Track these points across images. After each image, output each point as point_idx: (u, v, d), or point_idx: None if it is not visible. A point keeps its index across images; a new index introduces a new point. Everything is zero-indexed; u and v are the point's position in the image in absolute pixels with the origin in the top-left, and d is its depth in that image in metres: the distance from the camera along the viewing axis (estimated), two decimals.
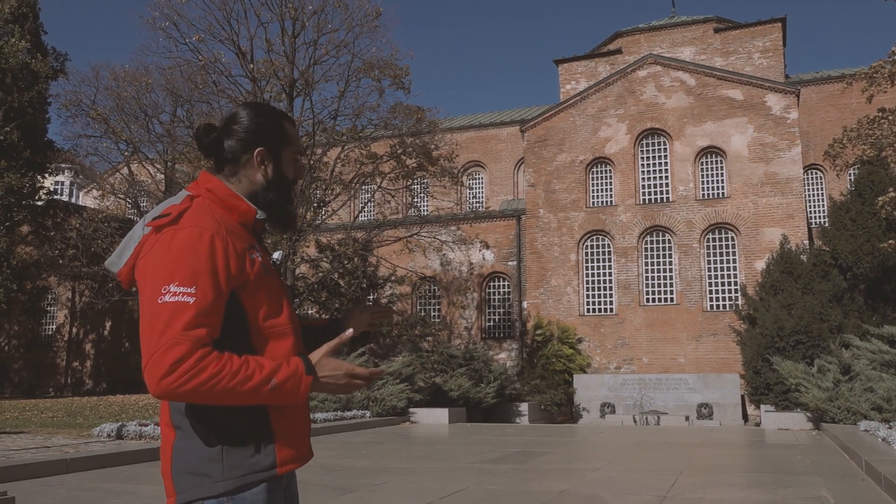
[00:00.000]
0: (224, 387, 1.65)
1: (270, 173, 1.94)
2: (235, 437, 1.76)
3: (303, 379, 1.74)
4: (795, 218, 22.46)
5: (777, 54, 27.45)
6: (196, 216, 1.80)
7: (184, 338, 1.65)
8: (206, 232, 1.76)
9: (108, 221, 23.95)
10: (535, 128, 25.97)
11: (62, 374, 27.98)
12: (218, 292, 1.72)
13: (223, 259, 1.75)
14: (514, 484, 7.90)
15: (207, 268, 1.72)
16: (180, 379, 1.63)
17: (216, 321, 1.71)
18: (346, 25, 19.75)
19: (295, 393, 1.73)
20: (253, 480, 1.75)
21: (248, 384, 1.67)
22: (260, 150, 1.93)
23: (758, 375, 18.19)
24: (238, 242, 1.81)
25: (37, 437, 11.24)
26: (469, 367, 20.32)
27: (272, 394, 1.70)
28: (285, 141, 1.97)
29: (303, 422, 1.89)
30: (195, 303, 1.68)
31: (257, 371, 1.69)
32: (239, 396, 1.68)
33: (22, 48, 24.47)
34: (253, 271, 1.80)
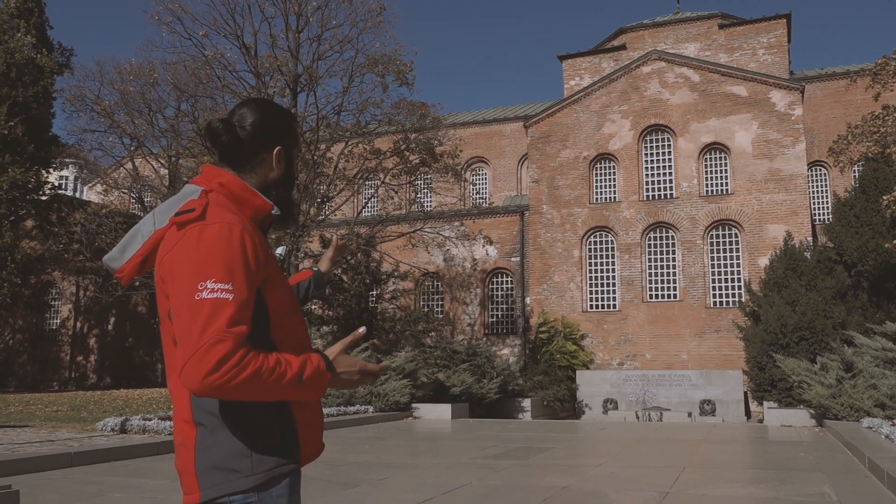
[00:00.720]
0: (264, 382, 1.66)
1: (283, 171, 1.98)
2: (262, 432, 1.78)
3: (324, 375, 1.78)
4: (799, 215, 22.42)
5: (782, 51, 27.37)
6: (220, 212, 1.79)
7: (228, 335, 1.64)
8: (236, 228, 1.76)
9: (112, 216, 24.02)
10: (538, 124, 25.94)
11: (66, 368, 28.07)
12: (251, 288, 1.74)
13: (253, 255, 1.76)
14: (517, 479, 7.91)
15: (241, 264, 1.73)
16: (226, 376, 1.62)
17: (249, 318, 1.73)
18: (350, 21, 19.75)
19: (318, 389, 1.78)
20: (280, 474, 1.79)
21: (283, 381, 1.70)
22: (279, 148, 1.96)
23: (762, 372, 18.16)
24: (258, 237, 1.82)
25: (41, 430, 11.28)
26: (472, 363, 20.33)
27: (301, 390, 1.74)
28: (296, 140, 2.02)
29: (318, 414, 1.95)
30: (234, 299, 1.69)
31: (289, 368, 1.71)
32: (274, 392, 1.71)
33: (27, 43, 24.50)
34: (275, 269, 1.86)
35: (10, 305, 25.19)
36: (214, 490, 1.74)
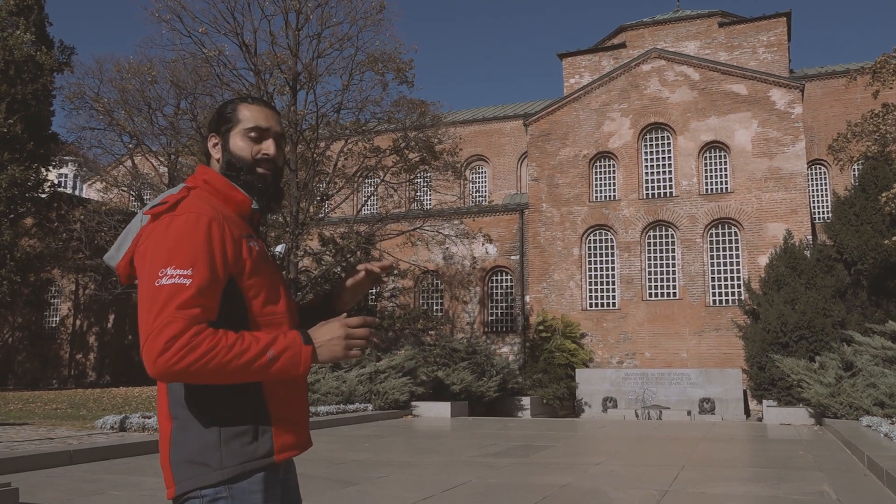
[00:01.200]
0: (220, 361, 1.65)
1: (222, 155, 1.97)
2: (233, 424, 1.76)
3: (302, 349, 1.74)
4: (799, 213, 22.42)
5: (782, 49, 27.36)
6: (194, 203, 1.83)
7: (178, 316, 1.66)
8: (204, 217, 1.79)
9: (111, 214, 23.99)
10: (538, 122, 25.93)
11: (66, 366, 28.07)
12: (214, 275, 1.74)
13: (220, 243, 1.77)
14: (516, 477, 7.91)
15: (205, 251, 1.75)
16: (175, 356, 1.63)
17: (213, 304, 1.73)
18: (350, 18, 19.73)
19: (295, 364, 1.73)
20: (251, 469, 1.75)
21: (245, 357, 1.67)
22: (211, 135, 2.00)
23: (761, 371, 18.17)
24: (235, 230, 1.84)
25: (40, 428, 11.28)
26: (471, 361, 20.33)
27: (271, 365, 1.70)
28: (231, 121, 1.96)
29: (300, 408, 1.89)
30: (192, 284, 1.70)
31: (253, 343, 1.70)
32: (237, 371, 1.68)
33: (26, 40, 24.47)
34: (251, 258, 1.83)
35: (9, 303, 25.17)
36: (186, 484, 1.75)
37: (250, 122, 1.94)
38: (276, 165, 1.97)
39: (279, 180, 2.00)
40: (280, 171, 2.00)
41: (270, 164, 1.96)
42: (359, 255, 21.27)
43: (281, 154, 2.01)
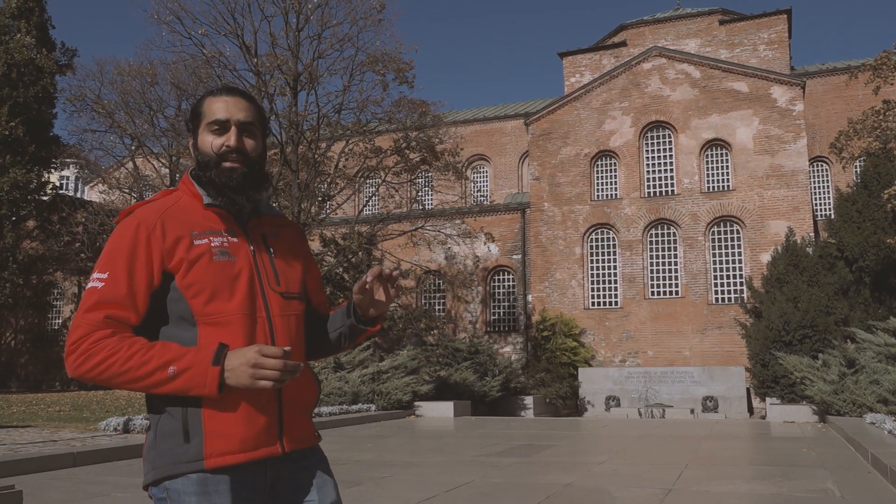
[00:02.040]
0: (116, 371, 1.67)
1: (199, 153, 1.91)
2: (166, 427, 1.75)
3: (208, 370, 1.68)
4: (801, 210, 22.40)
5: (782, 46, 27.33)
6: (147, 207, 1.86)
7: (82, 321, 1.72)
8: (135, 221, 1.81)
9: (113, 216, 24.01)
10: (539, 121, 25.92)
11: None
12: (131, 277, 1.75)
13: (144, 247, 1.77)
14: (520, 477, 7.91)
15: (124, 255, 1.77)
16: (76, 360, 1.69)
17: (128, 305, 1.74)
18: (350, 19, 19.73)
19: (201, 382, 1.67)
20: (179, 472, 1.72)
21: (143, 369, 1.67)
22: (188, 135, 1.97)
23: (764, 368, 18.16)
24: (178, 228, 1.81)
25: (44, 431, 11.29)
26: (474, 361, 20.32)
27: (171, 381, 1.68)
28: (199, 117, 1.91)
29: (245, 413, 1.75)
30: (102, 287, 1.74)
31: (156, 357, 1.68)
32: (135, 382, 1.68)
33: (28, 43, 24.49)
34: (189, 256, 1.78)
35: (11, 306, 25.21)
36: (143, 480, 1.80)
37: (210, 116, 1.87)
38: (245, 156, 1.87)
39: (254, 170, 1.89)
40: (254, 160, 1.89)
41: (237, 154, 1.86)
42: (360, 256, 21.28)
43: (254, 142, 1.90)
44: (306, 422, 1.94)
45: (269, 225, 1.98)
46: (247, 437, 1.76)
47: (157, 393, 1.72)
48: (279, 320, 1.85)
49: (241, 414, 1.75)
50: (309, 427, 1.95)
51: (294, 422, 1.87)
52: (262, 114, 1.97)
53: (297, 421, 1.89)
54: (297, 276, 1.97)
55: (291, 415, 1.86)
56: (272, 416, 1.80)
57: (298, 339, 1.92)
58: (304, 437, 1.91)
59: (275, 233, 1.97)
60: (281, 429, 1.83)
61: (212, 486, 1.73)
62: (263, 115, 1.97)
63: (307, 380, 1.94)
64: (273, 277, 1.89)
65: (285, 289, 1.91)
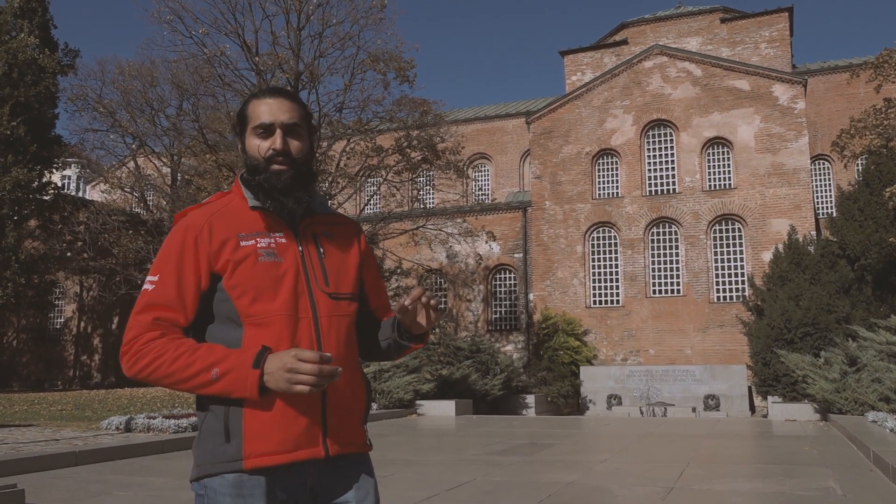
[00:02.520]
0: (164, 372, 1.72)
1: (244, 158, 1.92)
2: (210, 425, 1.77)
3: (249, 373, 1.69)
4: (803, 208, 22.37)
5: (784, 44, 27.30)
6: (198, 211, 1.89)
7: (134, 323, 1.78)
8: (184, 225, 1.85)
9: (115, 215, 24.02)
10: (540, 119, 25.90)
11: (70, 367, 28.12)
12: (179, 280, 1.80)
13: (192, 249, 1.81)
14: (521, 475, 7.91)
15: (173, 258, 1.81)
16: (128, 361, 1.76)
17: (176, 307, 1.78)
18: (351, 18, 19.73)
19: (241, 386, 1.69)
20: (218, 470, 1.74)
21: (188, 371, 1.71)
22: (237, 140, 1.97)
23: (766, 367, 18.15)
24: (225, 231, 1.83)
25: (46, 429, 11.31)
26: (475, 360, 20.33)
27: (214, 384, 1.70)
28: (245, 121, 1.91)
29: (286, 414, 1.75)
30: (152, 290, 1.80)
31: (201, 359, 1.71)
32: (182, 383, 1.72)
33: (30, 43, 24.50)
34: (234, 257, 1.80)
35: (13, 305, 25.23)
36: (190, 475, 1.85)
37: (255, 120, 1.88)
38: (291, 158, 1.87)
39: (301, 172, 1.89)
40: (300, 161, 1.88)
41: (283, 157, 1.86)
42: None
43: (300, 143, 1.89)
44: (355, 426, 1.89)
45: (323, 224, 1.96)
46: (286, 439, 1.75)
47: (202, 394, 1.75)
48: (326, 321, 1.84)
49: (282, 415, 1.74)
50: (358, 432, 1.90)
51: (340, 425, 1.84)
52: (307, 113, 1.97)
53: (344, 424, 1.85)
54: (350, 276, 1.94)
55: (337, 418, 1.83)
56: (315, 417, 1.79)
57: (347, 340, 1.89)
58: (352, 442, 1.87)
59: (328, 232, 1.96)
60: (325, 431, 1.80)
61: (247, 488, 1.73)
62: (308, 114, 1.97)
63: (356, 383, 1.91)
64: (322, 278, 1.87)
65: (334, 289, 1.88)
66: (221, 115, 21.31)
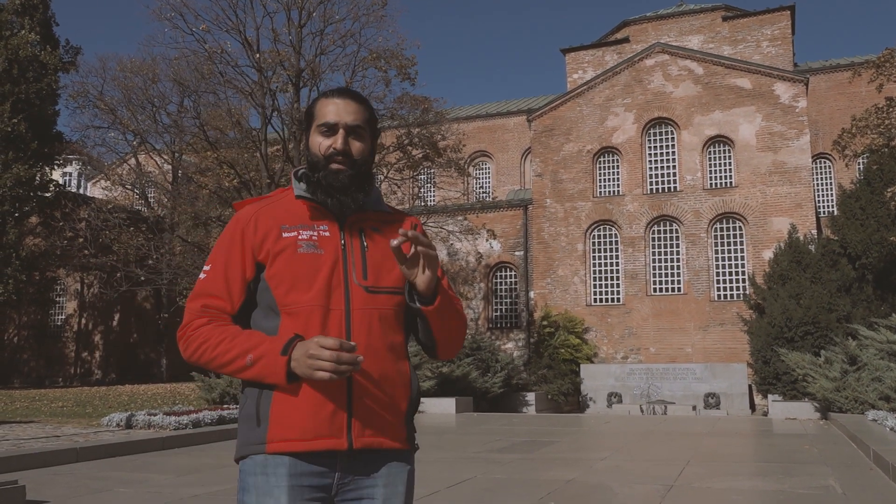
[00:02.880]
0: (209, 357, 1.82)
1: (306, 154, 2.00)
2: (246, 410, 1.86)
3: (277, 360, 1.75)
4: (804, 207, 22.36)
5: (786, 42, 27.27)
6: (251, 205, 1.99)
7: (187, 309, 1.90)
8: (236, 218, 1.96)
9: (116, 212, 24.04)
10: (541, 117, 25.89)
11: (71, 364, 28.15)
12: (227, 269, 1.90)
13: (239, 239, 1.91)
14: (522, 473, 7.92)
15: (224, 249, 1.93)
16: (182, 345, 1.87)
17: (223, 296, 1.89)
18: (353, 15, 19.74)
19: (272, 372, 1.76)
20: (249, 452, 1.83)
21: (227, 356, 1.80)
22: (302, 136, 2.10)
23: (766, 365, 18.16)
24: (269, 222, 1.91)
25: (47, 426, 11.33)
26: (476, 357, 20.33)
27: (248, 369, 1.79)
28: (310, 120, 1.98)
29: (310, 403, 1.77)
30: (204, 279, 1.92)
31: (239, 345, 1.80)
32: (223, 367, 1.82)
33: (31, 40, 24.50)
34: (275, 248, 1.87)
35: (15, 302, 25.26)
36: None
37: (321, 119, 1.94)
38: (351, 159, 1.91)
39: (360, 172, 1.92)
40: (360, 163, 1.92)
41: (343, 157, 1.90)
42: None
43: (362, 144, 1.94)
44: (392, 422, 1.87)
45: (374, 220, 1.97)
46: (308, 427, 1.78)
47: (242, 378, 1.83)
48: (359, 314, 1.85)
49: (307, 404, 1.78)
50: (396, 429, 1.88)
51: (369, 419, 1.82)
52: (373, 115, 2.01)
53: (375, 419, 1.83)
54: (395, 270, 1.90)
55: (365, 411, 1.82)
56: (339, 409, 1.79)
57: (383, 333, 1.87)
58: (385, 438, 1.85)
59: (377, 227, 1.97)
60: (350, 424, 1.80)
61: (271, 468, 1.79)
62: (373, 117, 2.01)
63: (395, 378, 1.88)
64: (360, 271, 1.89)
65: (373, 283, 1.88)
66: (222, 113, 21.32)
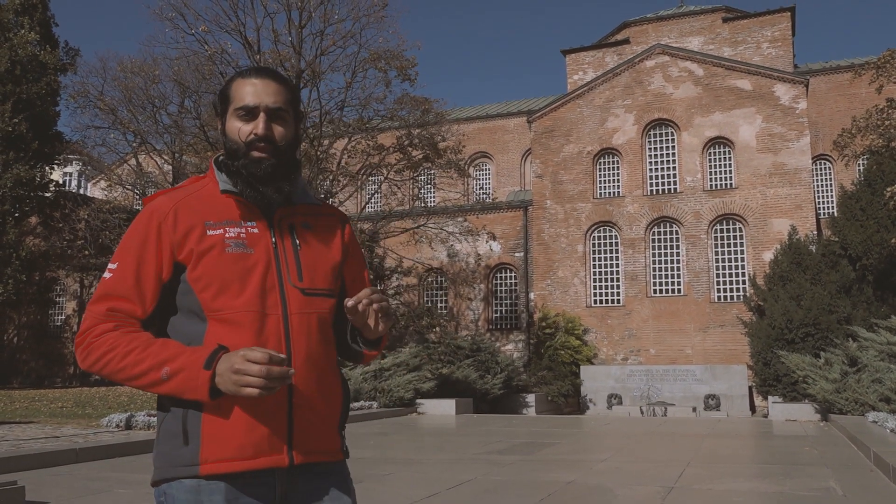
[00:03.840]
0: (114, 367, 1.61)
1: (223, 140, 1.79)
2: (168, 427, 1.68)
3: (200, 374, 1.56)
4: (804, 208, 22.36)
5: (786, 44, 27.27)
6: (165, 196, 1.77)
7: (89, 313, 1.67)
8: (148, 211, 1.73)
9: (116, 212, 24.02)
10: (542, 118, 25.89)
11: (70, 364, 28.14)
12: (138, 269, 1.68)
13: (155, 236, 1.69)
14: (522, 474, 7.91)
15: (134, 245, 1.70)
16: (82, 354, 1.65)
17: (133, 298, 1.67)
18: (353, 16, 19.72)
19: (193, 387, 1.57)
20: (175, 475, 1.64)
21: (139, 368, 1.59)
22: (217, 119, 1.84)
23: (766, 367, 18.16)
24: (192, 218, 1.70)
25: (46, 427, 11.31)
26: (476, 359, 20.32)
27: (164, 383, 1.59)
28: (227, 101, 1.77)
29: (246, 418, 1.63)
30: (110, 279, 1.69)
31: (153, 355, 1.59)
32: (132, 380, 1.61)
33: (31, 39, 24.49)
34: (199, 247, 1.68)
35: (14, 302, 25.25)
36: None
37: (239, 101, 1.73)
38: (274, 145, 1.73)
39: (284, 160, 1.75)
40: (283, 149, 1.75)
41: (266, 143, 1.72)
42: (363, 253, 21.29)
43: (284, 129, 1.76)
44: (328, 433, 1.76)
45: (303, 214, 1.82)
46: (246, 444, 1.62)
47: (157, 392, 1.63)
48: (297, 318, 1.70)
49: (243, 419, 1.62)
50: (332, 439, 1.77)
51: (309, 431, 1.71)
52: (296, 96, 1.83)
53: (314, 431, 1.72)
54: (328, 271, 1.80)
55: (305, 423, 1.70)
56: (279, 422, 1.66)
57: (321, 339, 1.75)
58: (323, 450, 1.74)
59: (308, 223, 1.82)
60: (290, 438, 1.68)
61: (205, 494, 1.62)
62: (296, 98, 1.84)
63: (331, 385, 1.78)
64: (295, 272, 1.74)
65: (308, 284, 1.75)
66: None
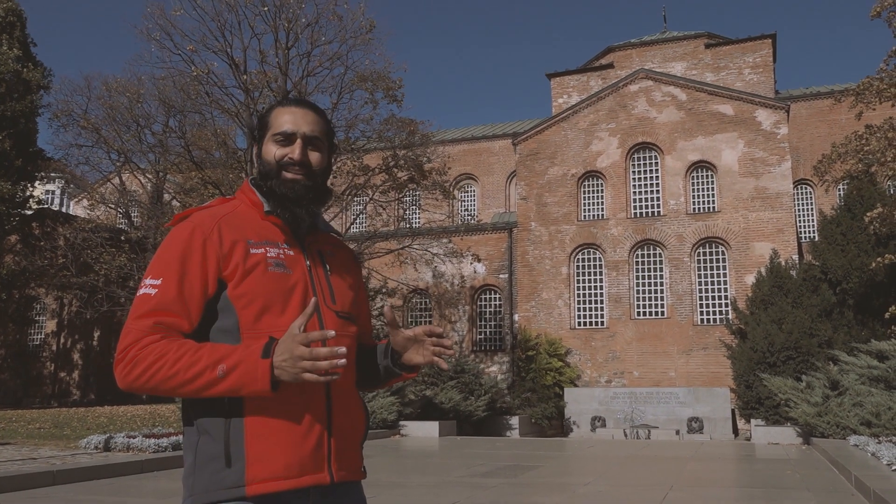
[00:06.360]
0: (166, 374, 1.59)
1: (261, 163, 1.87)
2: (207, 450, 1.65)
3: (258, 363, 1.58)
4: (785, 232, 22.57)
5: (767, 70, 27.66)
6: (203, 212, 1.79)
7: (133, 327, 1.65)
8: (190, 225, 1.74)
9: (97, 231, 23.86)
10: (527, 141, 26.05)
11: (49, 384, 27.75)
12: (184, 284, 1.68)
13: (200, 251, 1.70)
14: (505, 498, 7.86)
15: (178, 260, 1.70)
16: (125, 368, 1.62)
17: (180, 313, 1.67)
18: (340, 38, 19.84)
19: (252, 379, 1.57)
20: (218, 498, 1.62)
21: (193, 370, 1.58)
22: (254, 144, 1.94)
23: (749, 390, 18.22)
24: (235, 235, 1.74)
25: (23, 448, 11.13)
26: (460, 380, 20.26)
27: (222, 381, 1.58)
28: (265, 127, 1.87)
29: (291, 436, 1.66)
30: (156, 294, 1.67)
31: (206, 356, 1.59)
32: (185, 384, 1.59)
33: (13, 56, 24.39)
34: (244, 265, 1.70)
35: None
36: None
37: (277, 128, 1.83)
38: (308, 170, 1.83)
39: (316, 184, 1.85)
40: (317, 174, 1.85)
41: (299, 168, 1.82)
42: None
43: (319, 155, 1.87)
44: (355, 452, 1.83)
45: (326, 243, 1.92)
46: (291, 463, 1.64)
47: (207, 395, 1.61)
48: (334, 340, 1.69)
49: (287, 437, 1.65)
50: (357, 458, 1.84)
51: (344, 450, 1.76)
52: (330, 128, 1.94)
53: (347, 449, 1.78)
54: (351, 298, 1.89)
55: (341, 441, 1.75)
56: (321, 440, 1.70)
57: (351, 362, 1.81)
58: (352, 469, 1.80)
59: (331, 251, 1.91)
60: (330, 455, 1.71)
61: None
62: (331, 130, 1.95)
63: (357, 406, 1.85)
64: (329, 295, 1.81)
65: (341, 308, 1.82)
66: (208, 133, 21.29)
